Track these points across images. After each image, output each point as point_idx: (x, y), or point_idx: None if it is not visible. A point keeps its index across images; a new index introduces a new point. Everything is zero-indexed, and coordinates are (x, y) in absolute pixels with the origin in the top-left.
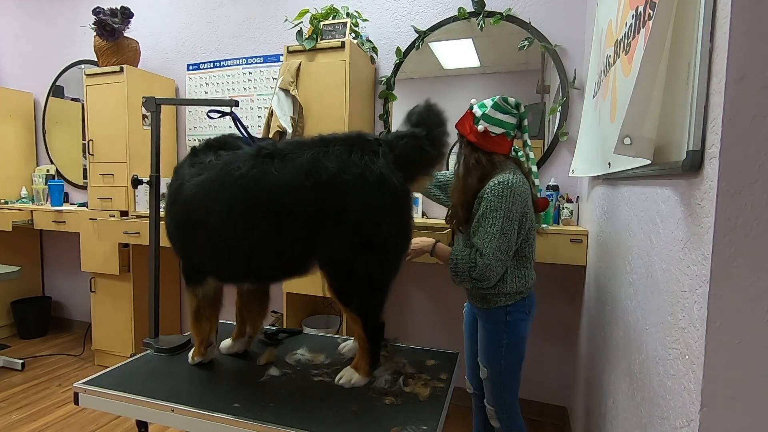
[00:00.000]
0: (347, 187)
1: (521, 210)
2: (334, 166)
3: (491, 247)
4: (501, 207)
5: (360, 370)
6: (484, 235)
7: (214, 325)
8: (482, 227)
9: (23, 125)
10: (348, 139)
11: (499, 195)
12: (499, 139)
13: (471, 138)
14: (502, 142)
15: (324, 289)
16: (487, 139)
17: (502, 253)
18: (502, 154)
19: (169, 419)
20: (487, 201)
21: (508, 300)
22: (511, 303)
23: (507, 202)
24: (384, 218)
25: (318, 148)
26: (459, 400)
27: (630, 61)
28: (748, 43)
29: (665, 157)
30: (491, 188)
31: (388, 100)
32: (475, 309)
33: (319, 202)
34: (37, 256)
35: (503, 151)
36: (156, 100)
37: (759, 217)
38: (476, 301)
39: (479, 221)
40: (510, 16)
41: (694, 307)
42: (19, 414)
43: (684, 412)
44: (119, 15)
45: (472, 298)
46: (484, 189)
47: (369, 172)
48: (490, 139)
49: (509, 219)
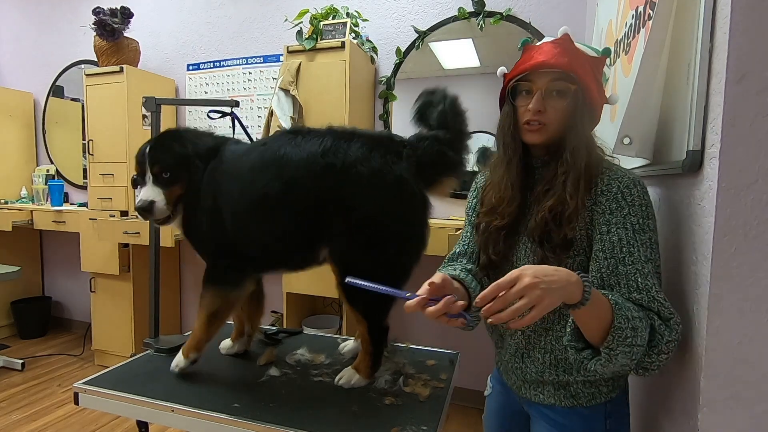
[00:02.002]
0: (359, 180)
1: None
2: (352, 156)
3: (660, 293)
4: (649, 226)
5: (361, 371)
6: (641, 276)
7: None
8: (633, 261)
9: (23, 125)
10: (375, 136)
11: (645, 206)
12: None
13: (597, 100)
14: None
15: (324, 288)
16: (603, 104)
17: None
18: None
19: (169, 419)
20: (623, 213)
21: (611, 390)
22: (614, 395)
23: (653, 220)
24: (396, 222)
25: (344, 135)
26: (459, 400)
27: (630, 61)
28: (748, 43)
29: (665, 157)
30: (625, 189)
31: (388, 100)
32: (533, 407)
33: (329, 188)
34: (37, 256)
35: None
36: (156, 100)
37: (759, 217)
38: (540, 392)
39: (619, 248)
40: (510, 16)
41: (694, 307)
42: (19, 414)
43: (684, 412)
44: (119, 15)
45: (531, 384)
46: (600, 188)
47: (387, 172)
48: (602, 102)
49: (657, 245)
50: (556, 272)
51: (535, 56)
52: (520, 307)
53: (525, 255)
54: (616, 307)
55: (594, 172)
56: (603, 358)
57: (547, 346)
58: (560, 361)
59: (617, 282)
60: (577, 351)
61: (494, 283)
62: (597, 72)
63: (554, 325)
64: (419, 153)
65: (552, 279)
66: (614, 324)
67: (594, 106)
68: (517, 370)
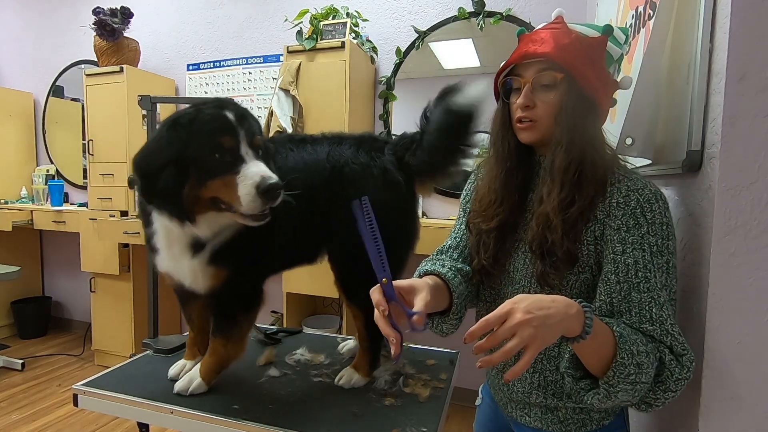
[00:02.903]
0: (353, 176)
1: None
2: (344, 156)
3: (675, 326)
4: (668, 248)
5: (360, 370)
6: (656, 305)
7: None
8: (648, 288)
9: (23, 125)
10: (358, 136)
11: (666, 224)
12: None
13: (597, 81)
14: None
15: (324, 288)
16: (609, 91)
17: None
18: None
19: (168, 421)
20: (641, 231)
21: (604, 417)
22: (608, 421)
23: (674, 241)
24: (386, 212)
25: (335, 139)
26: (459, 400)
27: (630, 61)
28: (748, 43)
29: (665, 157)
30: (645, 203)
31: (388, 100)
32: (519, 427)
33: (332, 188)
34: (37, 256)
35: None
36: (151, 99)
37: (759, 217)
38: (526, 414)
39: (634, 272)
40: (510, 16)
41: (694, 307)
42: (19, 414)
43: (684, 412)
44: (119, 15)
45: (517, 404)
46: (617, 199)
47: (373, 165)
48: (610, 93)
49: (675, 269)
50: (552, 304)
51: (521, 46)
52: (510, 349)
53: (523, 266)
54: (620, 340)
55: (601, 175)
56: (602, 393)
57: (537, 366)
58: (550, 383)
59: (628, 309)
60: (575, 380)
61: (483, 318)
62: (594, 55)
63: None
64: (398, 150)
65: (548, 313)
66: (616, 359)
67: (593, 95)
68: (504, 387)
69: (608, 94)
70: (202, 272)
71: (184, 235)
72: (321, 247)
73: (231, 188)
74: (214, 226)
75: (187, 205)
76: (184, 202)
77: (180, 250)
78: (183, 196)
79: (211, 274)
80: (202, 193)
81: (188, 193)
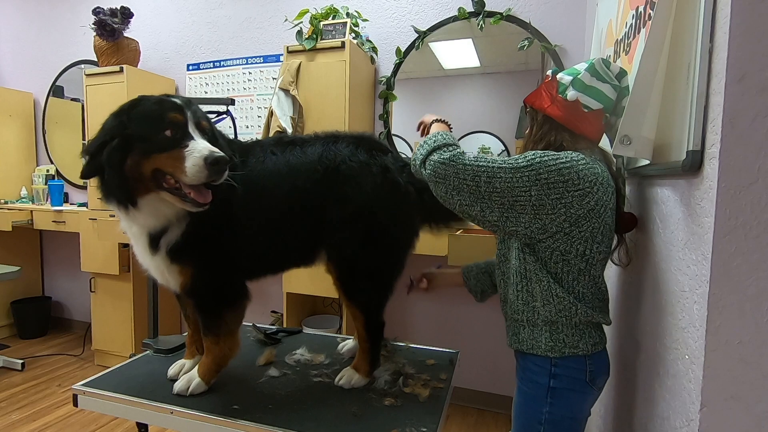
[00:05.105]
0: (351, 174)
1: (578, 195)
2: (341, 154)
3: (484, 158)
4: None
5: (360, 370)
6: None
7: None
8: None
9: (23, 125)
10: (357, 135)
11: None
12: (593, 117)
13: (552, 111)
14: (595, 122)
15: (324, 288)
16: (577, 114)
17: (488, 163)
18: (591, 140)
19: (168, 421)
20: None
21: (551, 347)
22: (556, 355)
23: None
24: (385, 211)
25: (330, 138)
26: (459, 400)
27: (630, 61)
28: (748, 43)
29: (665, 157)
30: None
31: (388, 100)
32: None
33: (326, 189)
34: (37, 256)
35: (594, 135)
36: None
37: (759, 217)
38: (508, 333)
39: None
40: (510, 16)
41: (694, 307)
42: (19, 414)
43: (684, 412)
44: (119, 15)
45: (506, 322)
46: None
47: (373, 163)
48: (582, 115)
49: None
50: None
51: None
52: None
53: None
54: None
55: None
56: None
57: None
58: (517, 295)
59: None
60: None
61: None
62: (550, 89)
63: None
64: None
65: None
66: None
67: (550, 116)
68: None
69: (567, 112)
70: (167, 270)
71: (139, 231)
72: (316, 249)
73: (177, 161)
74: (156, 213)
75: (130, 181)
76: (127, 177)
77: (143, 248)
78: (125, 169)
79: (176, 271)
80: (145, 166)
81: (130, 166)
